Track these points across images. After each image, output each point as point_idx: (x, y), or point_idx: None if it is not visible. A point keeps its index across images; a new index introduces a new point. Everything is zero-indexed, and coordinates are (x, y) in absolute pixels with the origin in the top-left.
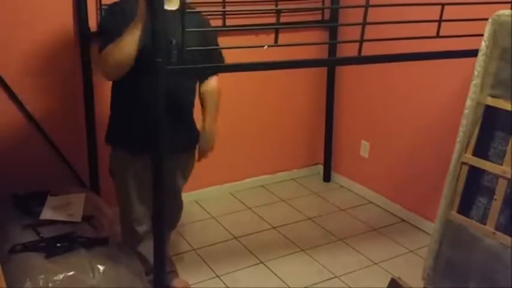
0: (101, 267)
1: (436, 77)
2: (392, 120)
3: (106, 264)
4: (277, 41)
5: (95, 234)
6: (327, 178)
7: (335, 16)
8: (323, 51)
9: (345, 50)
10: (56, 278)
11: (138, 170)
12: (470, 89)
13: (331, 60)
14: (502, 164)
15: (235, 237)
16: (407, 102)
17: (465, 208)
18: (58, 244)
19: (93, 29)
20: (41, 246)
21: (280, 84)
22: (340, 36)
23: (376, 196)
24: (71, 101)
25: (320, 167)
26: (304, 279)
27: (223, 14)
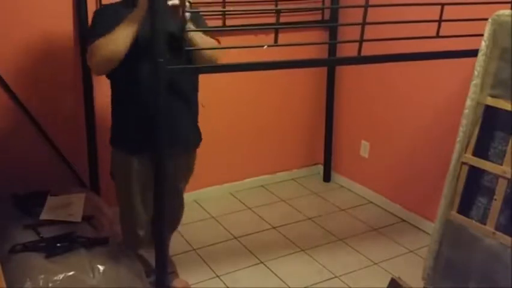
0: (101, 267)
1: (436, 77)
2: (392, 120)
3: (106, 264)
4: (277, 41)
5: (95, 234)
6: (327, 178)
7: (334, 16)
8: (323, 51)
9: (345, 50)
10: (56, 278)
11: (140, 171)
12: (470, 89)
13: (331, 60)
14: (502, 164)
15: (235, 237)
16: (407, 102)
17: (465, 208)
18: (58, 244)
19: None
20: (41, 246)
21: (280, 84)
22: (340, 36)
23: (376, 196)
24: (71, 100)
25: (320, 167)
26: (304, 279)
27: (223, 14)
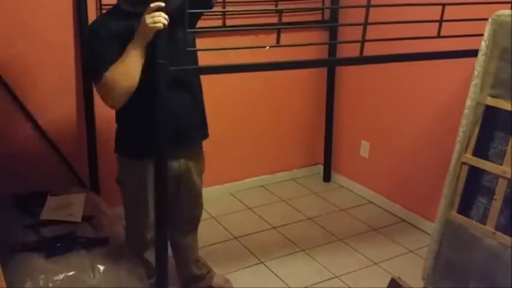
0: (101, 267)
1: (436, 77)
2: (392, 120)
3: (106, 264)
4: (279, 41)
5: (95, 234)
6: (327, 178)
7: (335, 16)
8: (323, 51)
9: (345, 50)
10: (56, 278)
11: (151, 176)
12: (470, 89)
13: (331, 60)
14: (502, 164)
15: (235, 237)
16: (407, 102)
17: (465, 208)
18: (58, 244)
19: None
20: (41, 246)
21: (280, 85)
22: (340, 37)
23: (376, 196)
24: (71, 101)
25: (320, 167)
26: (304, 279)
27: (223, 14)
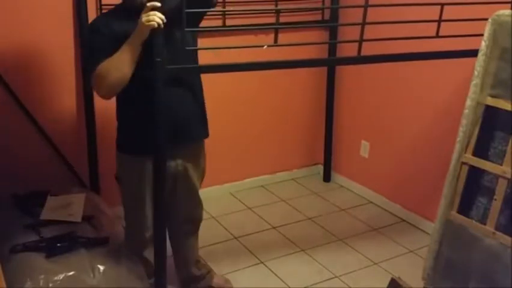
0: (101, 267)
1: (436, 77)
2: (392, 120)
3: (106, 264)
4: (277, 40)
5: (95, 234)
6: (327, 178)
7: (334, 16)
8: (323, 51)
9: (345, 50)
10: (56, 278)
11: (149, 174)
12: (470, 89)
13: (331, 60)
14: (502, 164)
15: (235, 237)
16: (407, 102)
17: (465, 208)
18: (58, 244)
19: None
20: (41, 246)
21: (280, 84)
22: (340, 36)
23: (376, 196)
24: (71, 101)
25: (320, 167)
26: (304, 279)
27: (223, 14)
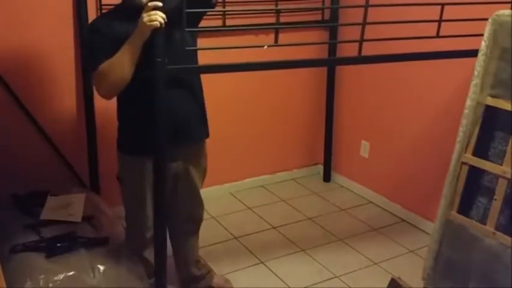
0: (101, 267)
1: (436, 77)
2: (392, 120)
3: (106, 264)
4: (277, 40)
5: (95, 234)
6: (327, 178)
7: (334, 16)
8: (323, 51)
9: (345, 50)
10: (56, 278)
11: (150, 175)
12: (470, 89)
13: (331, 60)
14: (502, 164)
15: (235, 237)
16: (407, 102)
17: (465, 208)
18: (58, 244)
19: None
20: (41, 246)
21: (280, 84)
22: (340, 36)
23: (376, 196)
24: (71, 101)
25: (320, 167)
26: (304, 279)
27: (223, 14)
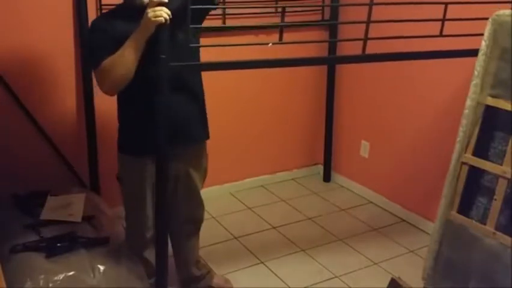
0: (101, 267)
1: (436, 77)
2: (392, 120)
3: (106, 264)
4: (281, 38)
5: (95, 234)
6: (327, 178)
7: (335, 16)
8: (323, 50)
9: (345, 49)
10: (56, 278)
11: (153, 173)
12: (470, 89)
13: (331, 58)
14: (502, 164)
15: (235, 237)
16: (407, 102)
17: (465, 208)
18: (58, 244)
19: None
20: (41, 246)
21: (281, 84)
22: (340, 36)
23: (376, 196)
24: (71, 101)
25: (320, 167)
26: (304, 279)
27: (223, 14)
